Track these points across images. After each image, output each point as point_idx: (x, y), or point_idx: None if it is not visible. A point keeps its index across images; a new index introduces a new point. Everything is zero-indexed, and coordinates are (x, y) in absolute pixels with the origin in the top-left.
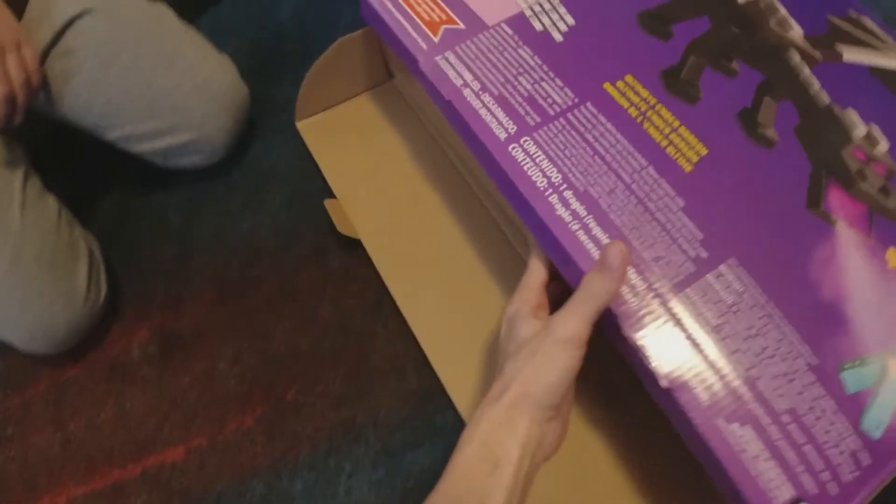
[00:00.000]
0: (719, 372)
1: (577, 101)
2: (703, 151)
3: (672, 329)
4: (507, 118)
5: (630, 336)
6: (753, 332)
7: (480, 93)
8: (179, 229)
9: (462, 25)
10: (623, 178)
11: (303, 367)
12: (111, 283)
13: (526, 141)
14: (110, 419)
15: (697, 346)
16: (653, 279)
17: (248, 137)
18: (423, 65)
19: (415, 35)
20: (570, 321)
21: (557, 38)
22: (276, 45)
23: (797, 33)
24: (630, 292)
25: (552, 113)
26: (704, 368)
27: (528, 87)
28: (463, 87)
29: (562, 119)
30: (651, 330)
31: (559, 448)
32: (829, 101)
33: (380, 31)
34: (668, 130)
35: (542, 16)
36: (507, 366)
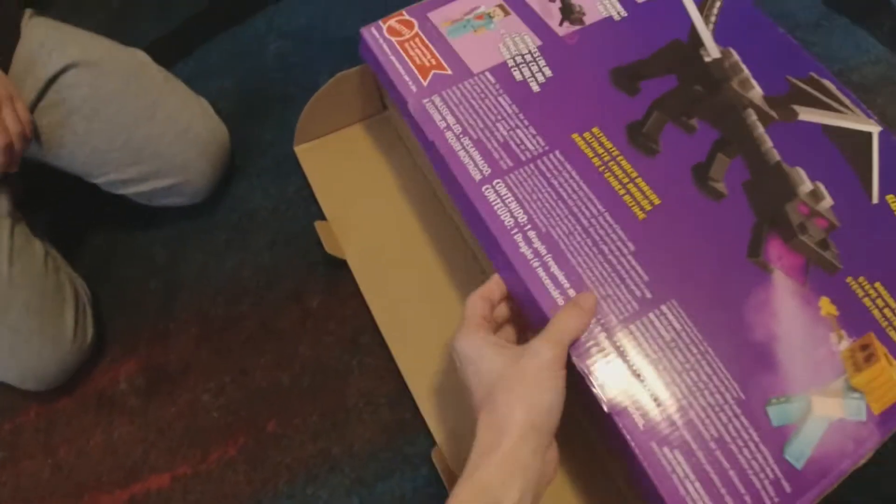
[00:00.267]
0: (656, 400)
1: (546, 148)
2: (657, 201)
3: (616, 360)
4: (483, 161)
5: (578, 364)
6: (688, 366)
7: (461, 136)
8: (165, 266)
9: (450, 71)
10: (581, 222)
11: (282, 401)
12: (99, 317)
13: (498, 183)
14: (99, 446)
15: (638, 376)
16: (601, 315)
17: (232, 177)
18: (412, 106)
19: (406, 78)
20: (550, 346)
21: (535, 88)
22: (260, 87)
23: (757, 93)
24: None
25: (524, 158)
26: (643, 397)
27: (505, 133)
28: (446, 130)
29: (532, 165)
30: (597, 359)
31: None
32: (778, 158)
33: (375, 69)
34: (626, 180)
35: (524, 67)
36: (493, 402)
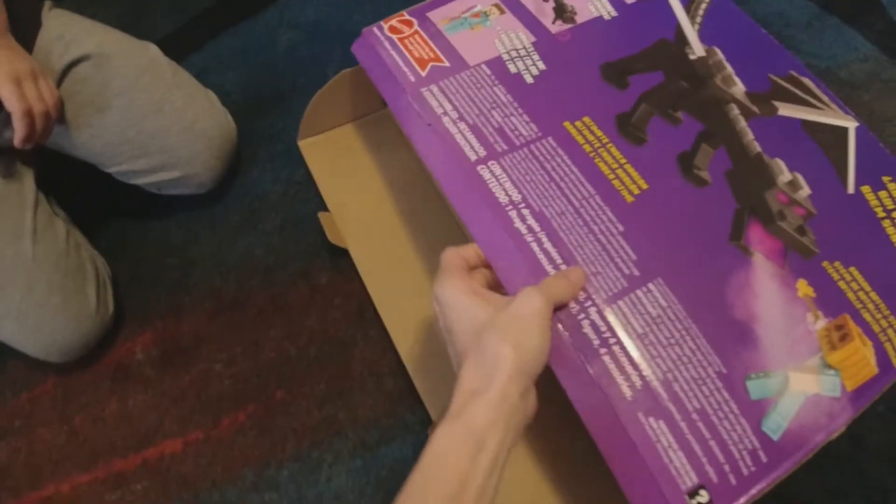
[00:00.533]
0: (641, 373)
1: (540, 134)
2: (644, 186)
3: (604, 333)
4: (479, 143)
5: (569, 338)
6: (673, 341)
7: (457, 121)
8: (180, 246)
9: (447, 64)
10: (573, 203)
11: (291, 371)
12: (117, 294)
13: (493, 164)
14: (114, 414)
15: (625, 349)
16: (591, 290)
17: (244, 163)
18: (410, 94)
19: (405, 69)
20: (538, 296)
21: (529, 80)
22: (270, 78)
23: (739, 89)
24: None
25: (518, 143)
26: (629, 369)
27: (500, 119)
28: (443, 115)
29: (525, 149)
30: (587, 333)
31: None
32: (759, 149)
33: (368, 65)
34: (615, 166)
35: (518, 60)
36: (481, 347)
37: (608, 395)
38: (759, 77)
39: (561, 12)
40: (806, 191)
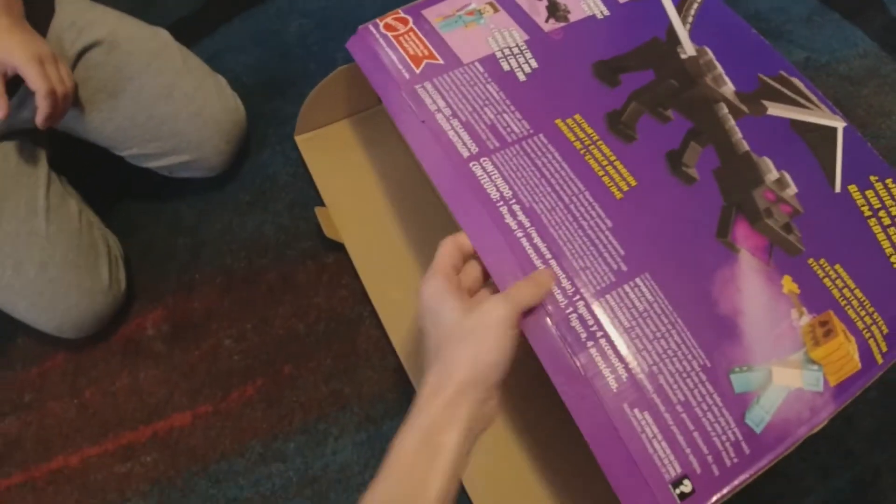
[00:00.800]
0: (627, 365)
1: (531, 131)
2: (633, 183)
3: (592, 327)
4: (471, 140)
5: (557, 331)
6: (659, 335)
7: (450, 118)
8: (191, 225)
9: (441, 61)
10: (563, 199)
11: (299, 347)
12: (129, 271)
13: (485, 160)
14: (124, 388)
15: (611, 342)
16: (579, 284)
17: (255, 145)
18: (405, 91)
19: (400, 66)
20: (503, 304)
21: (521, 77)
22: (281, 63)
23: (729, 89)
24: (560, 294)
25: (509, 140)
26: (616, 361)
27: (492, 116)
28: (436, 112)
29: (517, 146)
30: (575, 326)
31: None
32: (747, 148)
33: (363, 62)
34: (605, 163)
35: (511, 58)
36: (443, 351)
37: (594, 387)
38: (748, 77)
39: (554, 11)
40: (793, 189)
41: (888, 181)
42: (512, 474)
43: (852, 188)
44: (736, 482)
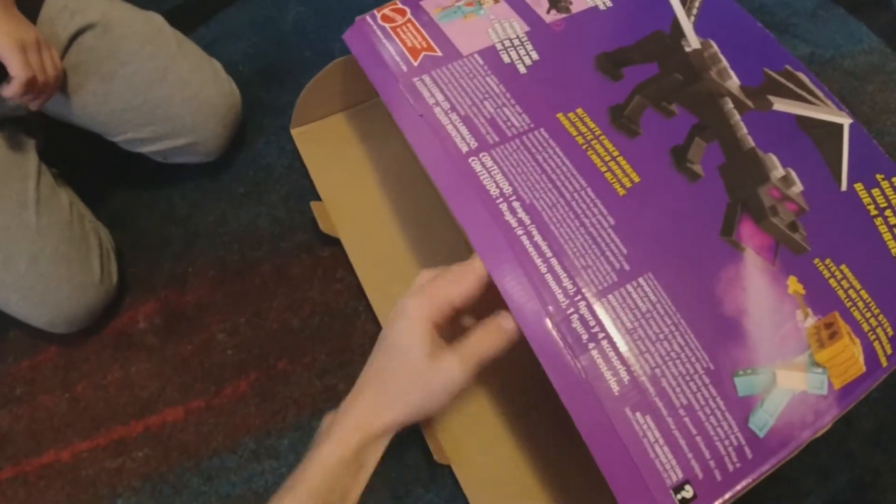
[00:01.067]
0: (629, 368)
1: (532, 126)
2: (636, 179)
3: (593, 328)
4: (470, 135)
5: (557, 331)
6: (661, 336)
7: (449, 111)
8: (184, 216)
9: (440, 53)
10: (565, 196)
11: (293, 341)
12: (121, 264)
13: (484, 156)
14: (116, 382)
15: (613, 344)
16: (581, 284)
17: (250, 135)
18: (402, 84)
19: (397, 59)
20: (458, 369)
21: (522, 70)
22: (278, 51)
23: (734, 83)
24: (561, 294)
25: (510, 134)
26: (617, 364)
27: (492, 110)
28: (434, 106)
29: (517, 140)
30: (576, 327)
31: None
32: (753, 144)
33: (360, 54)
34: (607, 158)
35: (511, 50)
36: (392, 380)
37: (595, 390)
38: (754, 71)
39: (556, 1)
40: (799, 187)
41: (894, 179)
42: (511, 475)
43: (858, 186)
44: (738, 487)
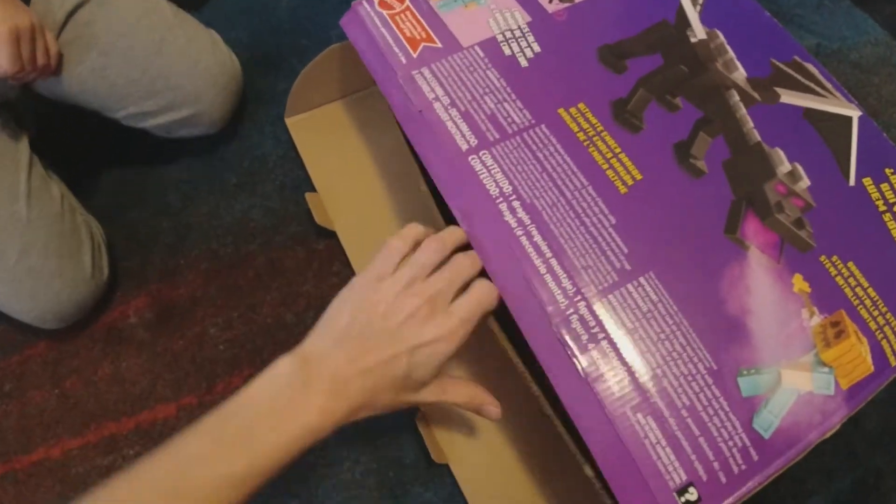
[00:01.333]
0: (630, 369)
1: (533, 122)
2: (639, 176)
3: (594, 329)
4: (470, 132)
5: (557, 332)
6: (663, 336)
7: (449, 107)
8: (177, 208)
9: (440, 45)
10: (565, 194)
11: (287, 336)
12: (112, 255)
13: (484, 154)
14: (106, 377)
15: (614, 344)
16: (581, 284)
17: (244, 124)
18: (401, 77)
19: (396, 50)
20: (431, 399)
21: (523, 63)
22: (272, 39)
23: (741, 75)
24: (561, 294)
25: (510, 131)
26: (618, 365)
27: (492, 105)
28: (434, 101)
29: (518, 137)
30: (576, 328)
31: None
32: (759, 138)
33: (358, 42)
34: (609, 155)
35: (512, 42)
36: (375, 342)
37: (596, 391)
38: (761, 62)
39: None
40: (805, 182)
41: None
42: (509, 474)
43: (867, 181)
44: (744, 490)
